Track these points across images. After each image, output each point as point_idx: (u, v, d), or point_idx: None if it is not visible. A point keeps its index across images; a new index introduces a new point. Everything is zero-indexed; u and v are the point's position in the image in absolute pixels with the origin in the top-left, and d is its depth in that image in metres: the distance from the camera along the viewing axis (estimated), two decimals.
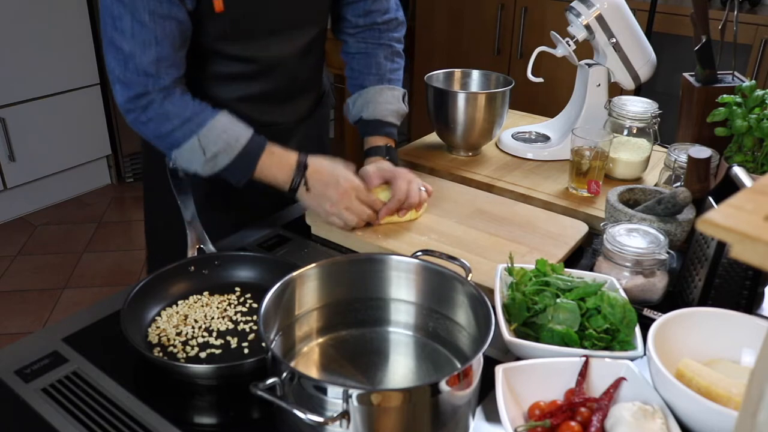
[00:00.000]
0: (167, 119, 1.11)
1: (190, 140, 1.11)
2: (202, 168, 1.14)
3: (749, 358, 0.83)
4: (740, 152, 1.19)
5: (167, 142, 1.13)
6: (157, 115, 1.10)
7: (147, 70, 1.08)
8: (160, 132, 1.12)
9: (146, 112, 1.10)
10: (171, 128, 1.11)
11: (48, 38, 3.08)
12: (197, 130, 1.11)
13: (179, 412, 0.82)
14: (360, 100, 1.34)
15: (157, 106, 1.10)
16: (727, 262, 0.94)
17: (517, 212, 1.24)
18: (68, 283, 2.77)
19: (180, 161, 1.14)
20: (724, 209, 0.40)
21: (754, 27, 2.62)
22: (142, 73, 1.08)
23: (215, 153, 1.12)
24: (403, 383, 0.83)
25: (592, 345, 0.85)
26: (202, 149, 1.12)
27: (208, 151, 1.12)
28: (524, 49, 3.19)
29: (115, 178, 3.62)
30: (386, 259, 0.88)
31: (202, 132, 1.11)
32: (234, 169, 1.14)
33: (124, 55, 1.07)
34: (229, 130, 1.13)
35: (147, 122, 1.12)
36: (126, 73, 1.08)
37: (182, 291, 1.00)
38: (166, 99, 1.10)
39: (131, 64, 1.07)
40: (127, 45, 1.06)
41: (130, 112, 1.12)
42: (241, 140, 1.13)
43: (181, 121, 1.11)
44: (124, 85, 1.09)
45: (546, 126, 1.62)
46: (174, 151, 1.13)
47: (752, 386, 0.44)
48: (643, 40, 1.42)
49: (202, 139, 1.12)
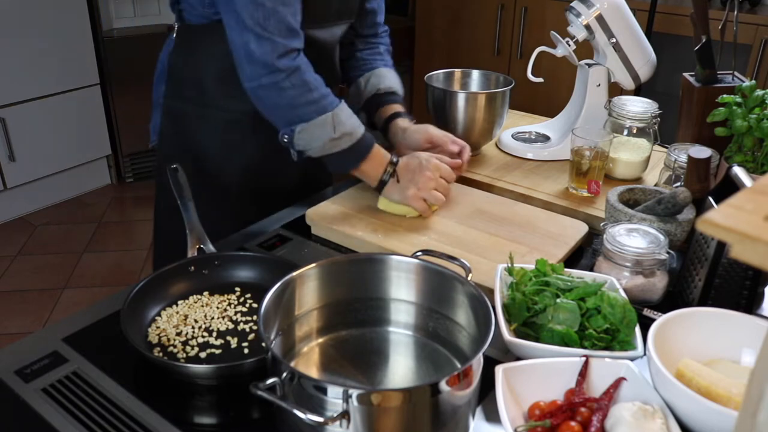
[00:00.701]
0: (309, 90, 1.12)
1: (324, 115, 1.13)
2: (323, 146, 1.15)
3: (749, 358, 0.83)
4: (740, 152, 1.19)
5: (298, 113, 1.13)
6: (302, 82, 1.11)
7: (290, 25, 1.09)
8: (297, 101, 1.12)
9: (291, 77, 1.10)
10: (310, 99, 1.12)
11: (48, 38, 3.08)
12: (332, 106, 1.14)
13: (179, 412, 0.82)
14: (373, 77, 1.41)
15: (302, 74, 1.11)
16: (727, 262, 0.94)
17: (517, 212, 1.24)
18: (68, 283, 2.77)
19: (302, 136, 1.14)
20: (724, 209, 0.40)
21: (754, 27, 2.62)
22: (285, 29, 1.08)
23: (342, 133, 1.15)
24: (403, 383, 0.83)
25: (592, 345, 0.85)
26: (334, 126, 1.13)
27: (338, 130, 1.14)
28: (524, 49, 3.19)
29: (115, 178, 3.62)
30: (386, 259, 0.88)
31: (337, 110, 1.14)
32: (347, 155, 1.17)
33: (266, 10, 1.06)
34: (353, 116, 1.17)
35: (287, 88, 1.11)
36: (268, 29, 1.07)
37: (182, 291, 1.00)
38: (308, 69, 1.12)
39: (273, 20, 1.07)
40: (269, 0, 1.06)
41: (273, 73, 1.10)
42: (360, 129, 1.18)
43: (320, 94, 1.13)
44: (269, 42, 1.08)
45: (546, 126, 1.62)
46: (301, 124, 1.13)
47: (752, 386, 0.44)
48: (643, 40, 1.42)
49: (335, 117, 1.14)
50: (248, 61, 1.10)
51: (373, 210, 1.24)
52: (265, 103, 1.15)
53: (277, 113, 1.15)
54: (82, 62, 3.25)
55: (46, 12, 3.05)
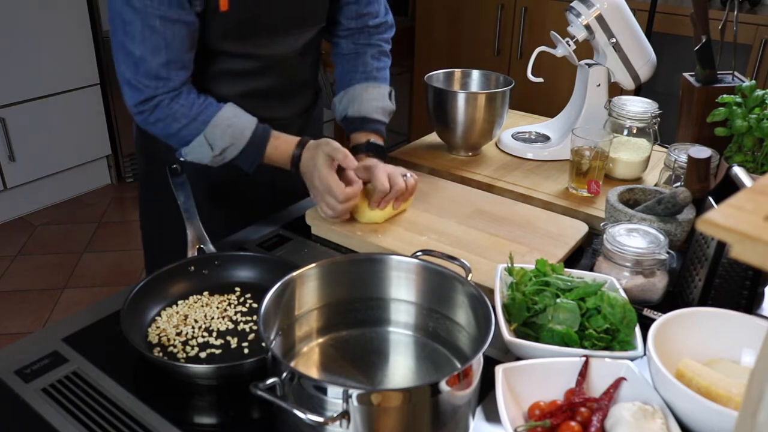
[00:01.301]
0: (175, 119, 1.14)
1: (197, 138, 1.15)
2: (211, 162, 1.18)
3: (749, 358, 0.83)
4: (740, 152, 1.19)
5: (176, 140, 1.17)
6: (165, 115, 1.13)
7: (158, 74, 1.10)
8: (168, 131, 1.16)
9: (154, 113, 1.13)
10: (179, 127, 1.15)
11: (48, 38, 3.08)
12: (203, 127, 1.15)
13: (179, 412, 0.82)
14: (345, 98, 1.35)
15: (165, 107, 1.13)
16: (727, 262, 0.94)
17: (517, 212, 1.24)
18: (68, 283, 2.77)
19: (190, 157, 1.18)
20: (724, 209, 0.40)
21: (754, 27, 2.62)
22: (152, 77, 1.10)
23: (223, 148, 1.16)
24: (403, 383, 0.83)
25: (592, 345, 0.85)
26: (210, 145, 1.16)
27: (216, 147, 1.16)
28: (524, 49, 3.19)
29: (115, 178, 3.62)
30: (386, 259, 0.88)
31: (208, 129, 1.15)
32: (243, 159, 1.19)
33: (135, 59, 1.09)
34: (234, 124, 1.16)
35: (155, 122, 1.15)
36: (137, 76, 1.10)
37: (182, 291, 1.00)
38: (173, 100, 1.13)
39: (142, 68, 1.09)
40: (137, 49, 1.08)
41: (139, 114, 1.15)
42: (246, 132, 1.17)
43: (187, 120, 1.14)
44: (135, 89, 1.12)
45: (546, 126, 1.62)
46: (184, 148, 1.17)
47: (752, 386, 0.44)
48: (643, 40, 1.42)
49: (208, 136, 1.15)
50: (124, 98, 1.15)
51: None
52: (152, 133, 1.19)
53: (164, 140, 1.20)
54: (82, 62, 3.25)
55: (45, 12, 3.05)
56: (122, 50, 1.09)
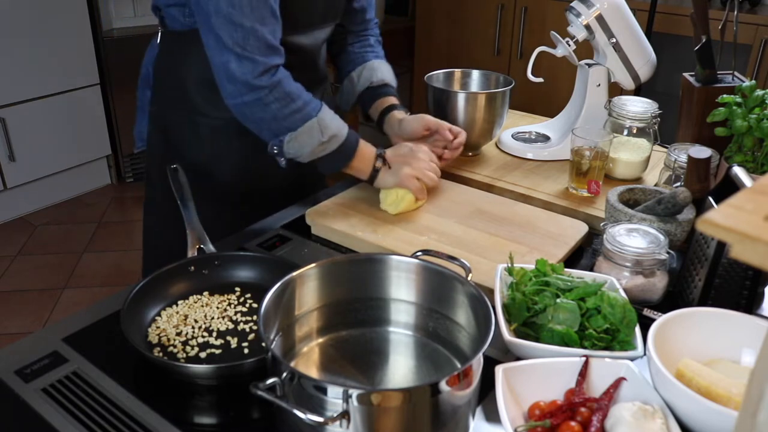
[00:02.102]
0: (292, 100, 1.13)
1: (309, 122, 1.15)
2: (312, 150, 1.17)
3: (749, 358, 0.83)
4: (740, 152, 1.19)
5: (284, 124, 1.15)
6: (284, 94, 1.12)
7: (270, 43, 1.10)
8: (282, 113, 1.13)
9: (273, 91, 1.12)
10: (294, 109, 1.14)
11: (48, 38, 3.08)
12: (316, 112, 1.15)
13: (179, 412, 0.82)
14: (365, 71, 1.41)
15: (285, 86, 1.12)
16: (727, 262, 0.94)
17: (517, 212, 1.24)
18: (68, 283, 2.77)
19: (291, 145, 1.16)
20: (724, 209, 0.40)
21: (754, 27, 2.62)
22: (264, 47, 1.09)
23: (331, 136, 1.17)
24: (403, 383, 0.83)
25: (592, 345, 0.85)
26: (321, 131, 1.15)
27: (326, 133, 1.16)
28: (524, 49, 3.19)
29: (115, 178, 3.62)
30: (386, 259, 0.88)
31: (321, 114, 1.16)
32: (336, 155, 1.19)
33: (245, 30, 1.07)
34: (336, 117, 1.19)
35: (271, 102, 1.12)
36: (248, 48, 1.08)
37: (182, 291, 1.00)
38: (288, 79, 1.13)
39: (252, 39, 1.08)
40: (247, 20, 1.07)
41: (255, 90, 1.11)
42: (344, 128, 1.20)
43: (303, 102, 1.14)
44: (250, 61, 1.09)
45: (546, 126, 1.62)
46: (289, 133, 1.15)
47: (752, 386, 0.44)
48: (643, 40, 1.42)
49: (321, 121, 1.15)
50: (229, 80, 1.11)
51: (374, 210, 1.24)
52: (250, 119, 1.16)
53: (264, 126, 1.16)
54: (82, 62, 3.25)
55: (46, 12, 3.05)
56: (228, 24, 1.06)
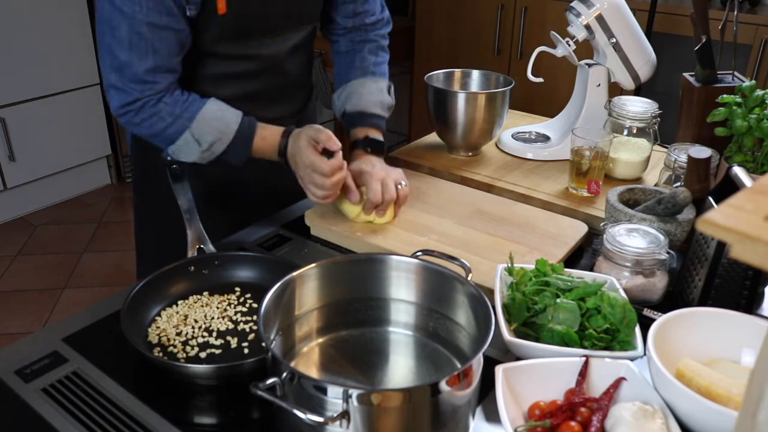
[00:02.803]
0: (160, 118, 1.13)
1: (183, 135, 1.14)
2: (199, 158, 1.17)
3: (749, 358, 0.83)
4: (740, 152, 1.19)
5: (162, 140, 1.16)
6: (150, 115, 1.13)
7: (144, 79, 1.10)
8: (153, 131, 1.15)
9: (139, 114, 1.13)
10: (164, 126, 1.14)
11: (48, 38, 3.08)
12: (188, 124, 1.14)
13: (179, 412, 0.82)
14: (344, 94, 1.35)
15: (150, 108, 1.12)
16: (727, 262, 0.94)
17: (516, 212, 1.24)
18: (68, 283, 2.77)
19: (178, 155, 1.17)
20: (724, 209, 0.40)
21: (754, 27, 2.62)
22: (138, 81, 1.10)
23: (210, 143, 1.15)
24: (403, 383, 0.83)
25: (592, 345, 0.85)
26: (197, 141, 1.15)
27: (203, 142, 1.15)
28: (524, 49, 3.19)
29: (115, 178, 3.62)
30: (386, 259, 0.88)
31: (194, 125, 1.14)
32: (231, 153, 1.18)
33: (120, 63, 1.09)
34: (219, 118, 1.16)
35: (140, 123, 1.14)
36: (122, 80, 1.10)
37: (182, 291, 1.00)
38: (159, 101, 1.13)
39: (127, 72, 1.09)
40: (123, 54, 1.08)
41: (123, 116, 1.14)
42: (232, 126, 1.16)
43: (173, 118, 1.14)
44: (120, 92, 1.11)
45: (546, 126, 1.62)
46: (170, 146, 1.16)
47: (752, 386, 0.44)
48: (643, 40, 1.42)
49: (194, 132, 1.15)
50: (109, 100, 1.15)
51: None
52: (137, 134, 1.20)
53: (150, 140, 1.19)
54: (82, 62, 3.25)
55: (46, 12, 3.05)
56: (109, 54, 1.09)
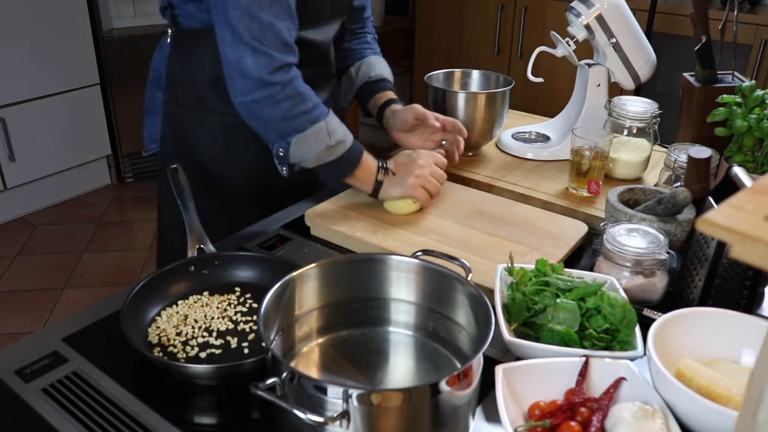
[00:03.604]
0: (303, 100, 1.12)
1: (318, 124, 1.14)
2: (319, 155, 1.16)
3: (749, 358, 0.83)
4: (740, 152, 1.19)
5: (292, 125, 1.13)
6: (296, 93, 1.12)
7: (286, 40, 1.10)
8: (291, 112, 1.12)
9: (285, 89, 1.11)
10: (304, 109, 1.13)
11: (48, 38, 3.08)
12: (325, 115, 1.15)
13: (179, 412, 0.82)
14: (363, 66, 1.42)
15: (297, 85, 1.12)
16: (727, 262, 0.94)
17: (516, 212, 1.24)
18: (68, 283, 2.77)
19: (298, 147, 1.15)
20: (724, 209, 0.40)
21: (754, 27, 2.62)
22: (281, 43, 1.09)
23: (337, 141, 1.16)
24: (403, 383, 0.83)
25: (592, 345, 0.85)
26: (329, 134, 1.15)
27: (333, 137, 1.15)
28: (524, 49, 3.19)
29: (115, 178, 3.62)
30: (386, 259, 0.88)
31: (329, 117, 1.15)
32: (341, 163, 1.18)
33: (262, 24, 1.07)
34: (342, 124, 1.19)
35: (282, 100, 1.11)
36: (264, 42, 1.08)
37: (182, 291, 1.00)
38: (300, 79, 1.13)
39: (269, 34, 1.08)
40: (265, 14, 1.07)
41: (267, 86, 1.10)
42: (350, 136, 1.19)
43: (313, 104, 1.14)
44: (265, 56, 1.08)
45: (546, 126, 1.62)
46: (296, 135, 1.14)
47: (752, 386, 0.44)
48: (643, 40, 1.42)
49: (328, 125, 1.15)
50: (241, 76, 1.10)
51: (373, 210, 1.24)
52: (259, 117, 1.14)
53: (271, 127, 1.15)
54: (82, 62, 3.25)
55: (46, 12, 3.05)
56: (246, 17, 1.06)
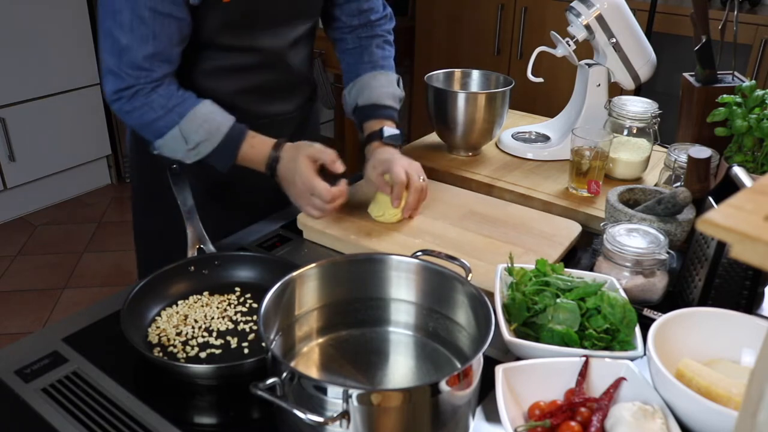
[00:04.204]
0: (151, 109, 1.13)
1: (172, 130, 1.14)
2: (184, 156, 1.16)
3: (749, 358, 0.83)
4: (740, 152, 1.19)
5: (150, 131, 1.16)
6: (142, 104, 1.12)
7: (141, 65, 1.10)
8: (143, 121, 1.14)
9: (131, 101, 1.12)
10: (154, 117, 1.13)
11: (48, 38, 3.08)
12: (178, 120, 1.14)
13: (179, 412, 0.82)
14: (355, 88, 1.36)
15: (143, 97, 1.12)
16: (727, 262, 0.94)
17: (510, 213, 1.24)
18: (68, 283, 2.77)
19: (164, 150, 1.17)
20: (724, 209, 0.40)
21: (754, 27, 2.62)
22: (135, 67, 1.10)
23: (197, 142, 1.15)
24: (403, 383, 0.83)
25: (592, 345, 0.85)
26: (184, 138, 1.14)
27: (190, 141, 1.14)
28: (524, 49, 3.19)
29: (115, 178, 3.62)
30: (386, 259, 0.88)
31: (183, 122, 1.14)
32: (217, 156, 1.17)
33: (120, 47, 1.09)
34: (210, 119, 1.15)
35: (131, 111, 1.13)
36: (120, 65, 1.10)
37: (182, 291, 1.00)
38: (153, 90, 1.12)
39: (126, 58, 1.09)
40: (124, 38, 1.08)
41: (116, 102, 1.14)
42: (222, 129, 1.16)
43: (164, 111, 1.13)
44: (116, 77, 1.11)
45: (546, 126, 1.62)
46: (158, 140, 1.16)
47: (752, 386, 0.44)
48: (643, 40, 1.42)
49: (183, 129, 1.14)
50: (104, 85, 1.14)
51: (366, 213, 1.22)
52: (126, 123, 1.19)
53: (139, 131, 1.19)
54: (82, 62, 3.25)
55: (46, 12, 3.05)
56: (109, 37, 1.09)
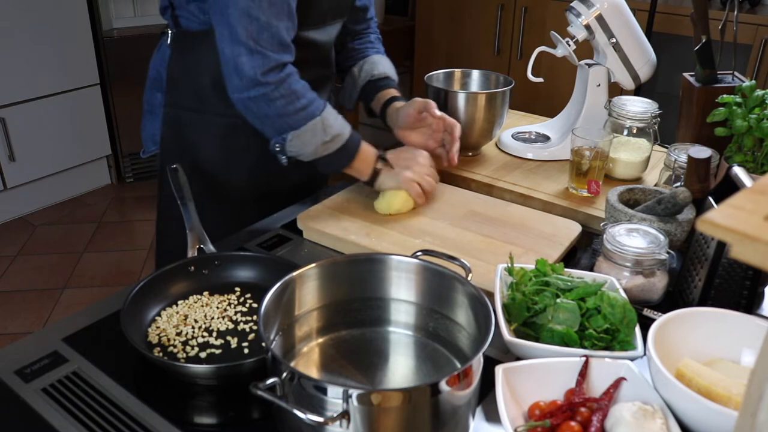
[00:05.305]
0: (297, 98, 1.13)
1: (313, 120, 1.15)
2: (315, 150, 1.17)
3: (749, 358, 0.83)
4: (740, 152, 1.19)
5: (287, 122, 1.15)
6: (289, 92, 1.13)
7: (282, 41, 1.11)
8: (286, 110, 1.14)
9: (279, 88, 1.12)
10: (299, 107, 1.14)
11: (48, 38, 3.08)
12: (320, 111, 1.15)
13: (179, 412, 0.82)
14: (366, 65, 1.42)
15: (291, 83, 1.13)
16: (727, 262, 0.94)
17: (510, 213, 1.24)
18: (68, 283, 2.77)
19: (294, 143, 1.16)
20: (724, 209, 0.40)
21: (754, 27, 2.62)
22: (278, 43, 1.10)
23: (333, 135, 1.17)
24: (403, 383, 0.83)
25: (592, 345, 0.85)
26: (324, 129, 1.16)
27: (329, 132, 1.16)
28: (524, 49, 3.19)
29: (115, 178, 3.62)
30: (386, 259, 0.88)
31: (325, 113, 1.16)
32: (338, 155, 1.19)
33: (260, 24, 1.08)
34: (339, 117, 1.19)
35: (276, 99, 1.12)
36: (260, 42, 1.09)
37: (182, 291, 1.00)
38: (295, 77, 1.14)
39: (266, 34, 1.09)
40: (263, 14, 1.08)
41: (261, 86, 1.11)
42: (347, 128, 1.20)
43: (308, 101, 1.15)
44: (260, 55, 1.10)
45: (546, 126, 1.62)
46: (292, 132, 1.15)
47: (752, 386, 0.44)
48: (643, 40, 1.42)
49: (324, 120, 1.16)
50: (237, 74, 1.11)
51: (366, 213, 1.23)
52: (255, 114, 1.16)
53: (267, 123, 1.16)
54: (82, 62, 3.25)
55: (46, 12, 3.05)
56: (245, 16, 1.07)
